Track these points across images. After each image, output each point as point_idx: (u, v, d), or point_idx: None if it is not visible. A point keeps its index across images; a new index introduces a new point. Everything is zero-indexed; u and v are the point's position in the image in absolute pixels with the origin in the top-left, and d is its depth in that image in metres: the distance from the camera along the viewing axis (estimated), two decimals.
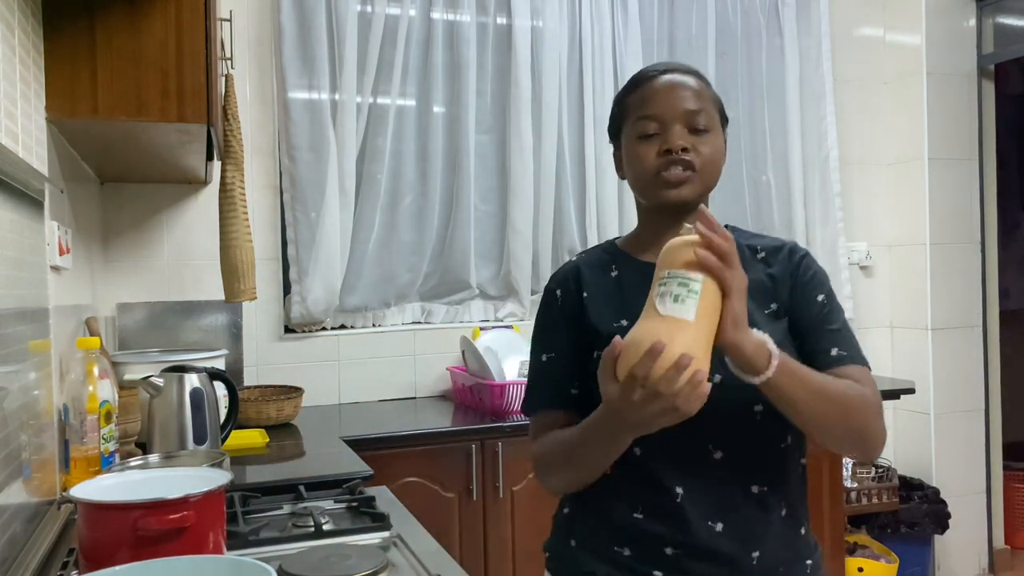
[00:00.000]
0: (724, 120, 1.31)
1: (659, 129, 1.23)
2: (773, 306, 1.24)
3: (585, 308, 1.28)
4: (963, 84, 3.58)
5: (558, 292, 1.32)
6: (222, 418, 1.97)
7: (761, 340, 1.06)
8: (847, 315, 1.33)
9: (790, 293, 1.25)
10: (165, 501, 1.04)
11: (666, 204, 1.24)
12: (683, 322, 0.99)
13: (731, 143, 1.38)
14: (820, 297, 1.25)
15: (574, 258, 1.38)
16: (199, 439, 1.80)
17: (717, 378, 1.14)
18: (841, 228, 3.58)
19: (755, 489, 1.21)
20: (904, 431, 3.61)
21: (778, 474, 1.24)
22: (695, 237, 1.03)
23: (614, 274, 1.31)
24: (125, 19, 1.66)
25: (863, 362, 1.23)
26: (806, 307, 1.24)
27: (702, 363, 0.99)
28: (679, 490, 1.19)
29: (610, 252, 1.35)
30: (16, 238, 1.36)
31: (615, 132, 1.33)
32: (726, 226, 1.26)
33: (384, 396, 3.02)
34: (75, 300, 2.05)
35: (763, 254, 1.29)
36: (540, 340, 1.34)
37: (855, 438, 1.17)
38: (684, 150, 1.21)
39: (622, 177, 1.33)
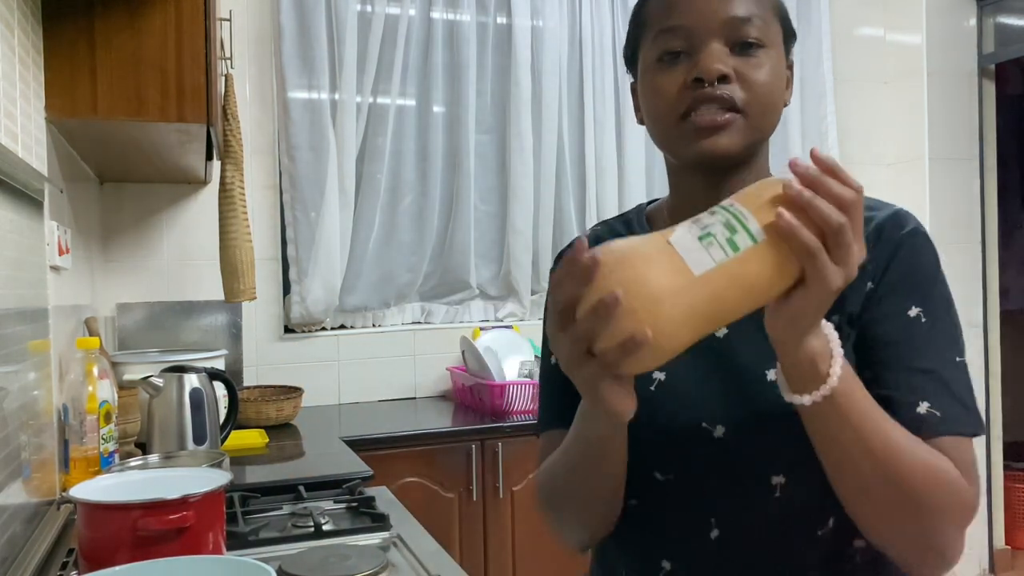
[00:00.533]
0: (788, 31, 0.91)
1: (687, 47, 0.84)
2: (835, 318, 0.82)
3: None
4: (964, 84, 3.58)
5: None
6: (222, 418, 1.97)
7: (821, 350, 0.69)
8: None
9: (865, 299, 0.82)
10: (165, 501, 1.03)
11: (698, 161, 0.85)
12: (680, 266, 0.64)
13: None
14: (913, 311, 0.81)
15: (587, 232, 1.03)
16: (199, 439, 1.79)
17: (720, 431, 0.85)
18: None
19: None
20: None
21: (804, 569, 0.86)
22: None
23: None
24: (125, 19, 1.66)
25: (969, 430, 0.79)
26: (885, 323, 0.81)
27: (651, 325, 0.61)
28: (666, 564, 0.90)
29: (631, 226, 1.00)
30: (16, 238, 1.35)
31: (632, 57, 0.94)
32: None
33: (384, 396, 3.02)
34: (74, 300, 2.04)
35: None
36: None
37: (920, 542, 0.77)
38: (723, 79, 0.82)
39: (640, 121, 0.93)
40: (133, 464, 1.39)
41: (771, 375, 0.82)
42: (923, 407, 0.78)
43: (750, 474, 0.85)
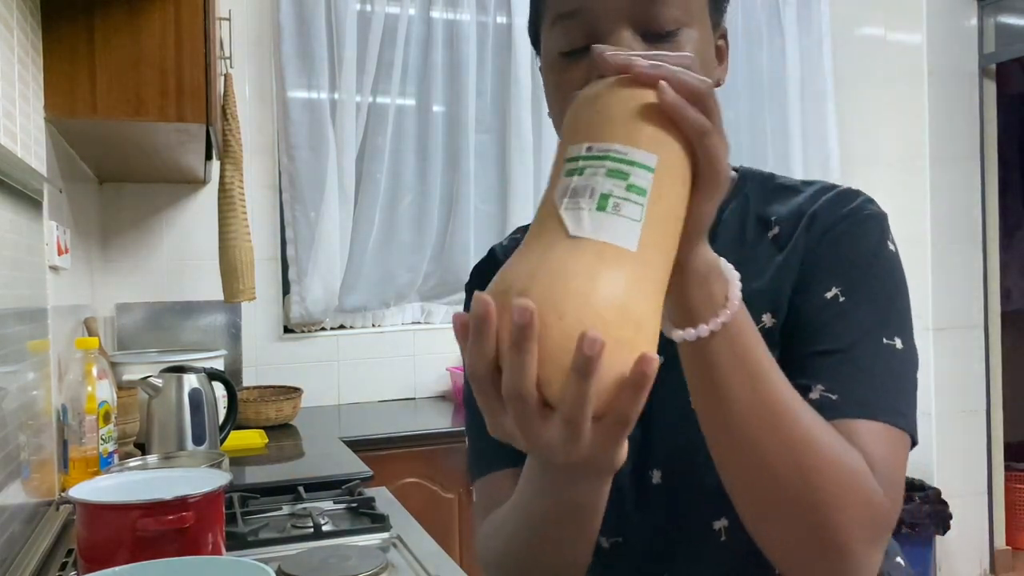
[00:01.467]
0: (717, 6, 0.75)
1: (587, 38, 0.69)
2: (767, 319, 0.73)
3: None
4: (964, 84, 3.58)
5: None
6: (221, 418, 1.97)
7: (713, 264, 0.59)
8: None
9: (795, 285, 0.73)
10: (164, 502, 1.03)
11: None
12: (614, 253, 0.49)
13: (732, 144, 0.65)
14: (831, 292, 0.70)
15: (504, 241, 0.93)
16: (198, 440, 1.79)
17: (657, 476, 0.76)
18: None
19: None
20: None
21: None
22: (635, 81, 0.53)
23: None
24: (124, 19, 1.66)
25: (881, 417, 0.66)
26: (799, 308, 0.71)
27: (648, 339, 0.49)
28: None
29: None
30: (15, 238, 1.35)
31: (536, 37, 0.79)
32: (740, 175, 0.82)
33: (384, 396, 3.01)
34: (74, 300, 2.04)
35: (776, 229, 0.77)
36: None
37: (808, 542, 0.63)
38: None
39: (550, 114, 0.77)
40: (132, 464, 1.39)
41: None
42: (816, 391, 0.65)
43: (692, 522, 0.75)
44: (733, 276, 0.60)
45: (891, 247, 0.74)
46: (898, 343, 0.69)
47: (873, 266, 0.72)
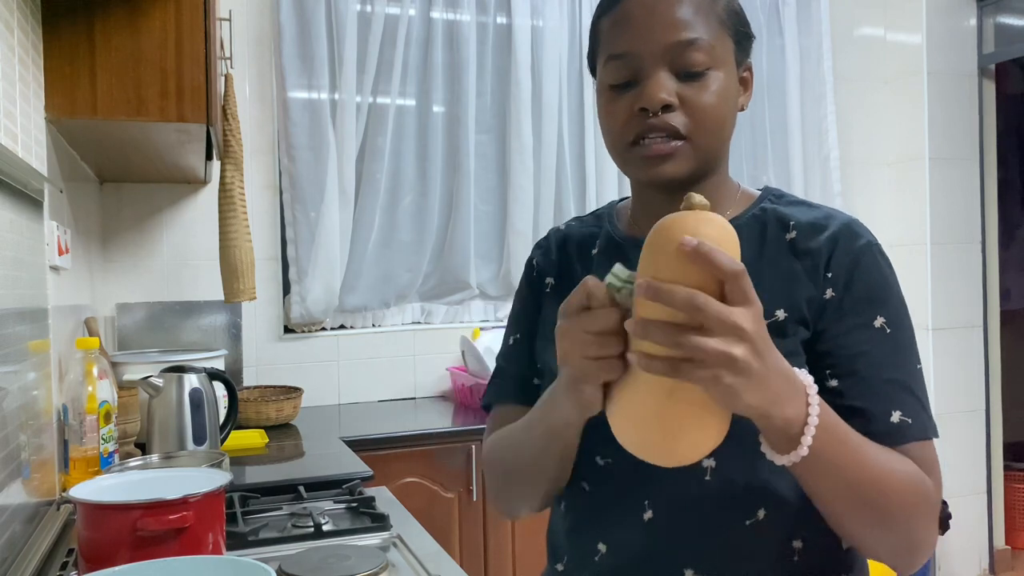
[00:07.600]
0: (741, 39, 0.92)
1: (633, 75, 0.87)
2: (780, 314, 0.86)
3: (544, 301, 1.02)
4: (964, 84, 3.58)
5: (535, 263, 1.05)
6: (221, 418, 1.97)
7: (792, 385, 0.72)
8: None
9: (826, 307, 0.86)
10: (164, 502, 1.03)
11: (649, 185, 0.92)
12: None
13: (732, 144, 1.00)
14: (878, 321, 0.85)
15: (562, 226, 1.08)
16: (198, 439, 1.79)
17: None
18: None
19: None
20: None
21: (737, 559, 0.87)
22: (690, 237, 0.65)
23: (594, 251, 1.00)
24: (124, 19, 1.66)
25: (929, 433, 0.85)
26: (854, 334, 0.85)
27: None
28: (601, 547, 0.93)
29: (601, 222, 1.03)
30: (15, 238, 1.35)
31: (593, 67, 0.97)
32: (764, 191, 0.98)
33: (384, 396, 3.02)
34: (74, 300, 2.04)
35: (794, 233, 0.90)
36: (512, 318, 1.08)
37: (901, 545, 0.82)
38: (667, 107, 0.85)
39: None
40: (133, 464, 1.39)
41: None
42: (896, 416, 0.83)
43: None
44: (811, 385, 0.73)
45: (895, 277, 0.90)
46: (918, 368, 0.87)
47: (896, 295, 0.88)
